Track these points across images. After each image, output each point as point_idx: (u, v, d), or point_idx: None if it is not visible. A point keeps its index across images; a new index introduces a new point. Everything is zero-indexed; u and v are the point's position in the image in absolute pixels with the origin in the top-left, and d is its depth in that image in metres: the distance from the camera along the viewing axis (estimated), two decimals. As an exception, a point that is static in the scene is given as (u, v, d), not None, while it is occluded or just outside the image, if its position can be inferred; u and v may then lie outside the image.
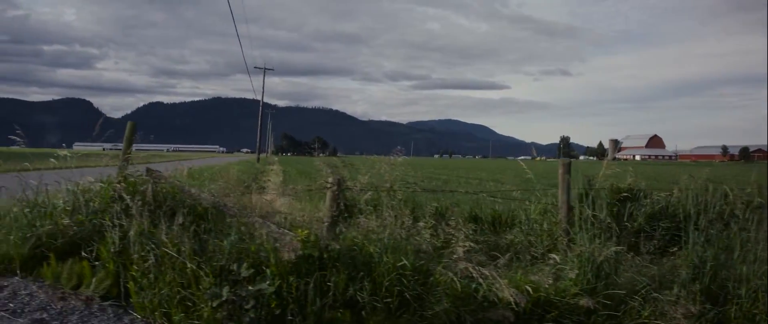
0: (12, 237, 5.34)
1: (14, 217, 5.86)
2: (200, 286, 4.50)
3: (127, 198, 5.19)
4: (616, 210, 6.57)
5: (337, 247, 4.58)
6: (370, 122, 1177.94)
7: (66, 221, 5.44)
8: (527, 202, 6.66)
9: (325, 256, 4.60)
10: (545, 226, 6.42)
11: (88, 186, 5.99)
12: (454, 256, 4.84)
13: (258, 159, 61.50)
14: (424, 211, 6.11)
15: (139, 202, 5.03)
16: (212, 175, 13.36)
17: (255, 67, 61.54)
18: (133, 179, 5.83)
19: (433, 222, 5.78)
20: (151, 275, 4.73)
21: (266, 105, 65.24)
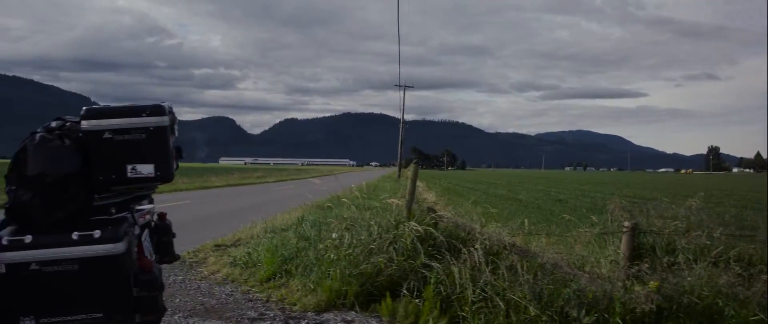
0: (339, 272, 5.91)
1: (323, 253, 6.49)
2: (545, 331, 4.70)
3: (460, 245, 5.55)
4: None
5: (694, 299, 4.57)
6: (497, 134, 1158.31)
7: (381, 259, 5.93)
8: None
9: (672, 307, 4.62)
10: None
11: (386, 223, 6.48)
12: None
13: (399, 175, 62.52)
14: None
15: (474, 248, 5.37)
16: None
17: (396, 85, 63.27)
18: (434, 220, 6.26)
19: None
20: (482, 316, 5.02)
21: (399, 120, 67.14)
